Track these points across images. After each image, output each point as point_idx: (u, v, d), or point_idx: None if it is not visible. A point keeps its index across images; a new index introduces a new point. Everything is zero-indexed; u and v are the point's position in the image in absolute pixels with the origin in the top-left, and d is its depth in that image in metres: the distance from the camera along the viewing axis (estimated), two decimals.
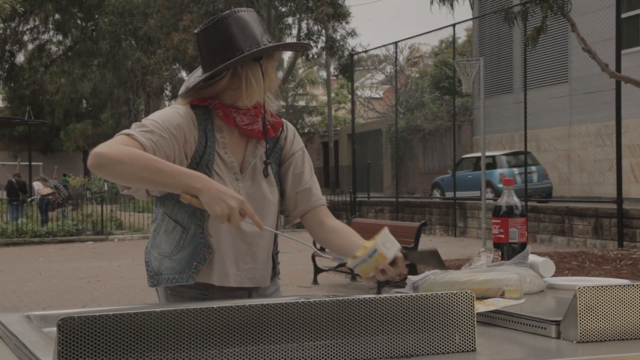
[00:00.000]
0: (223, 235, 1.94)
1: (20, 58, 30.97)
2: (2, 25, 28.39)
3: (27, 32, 30.08)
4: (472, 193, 16.48)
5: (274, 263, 2.09)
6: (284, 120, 2.06)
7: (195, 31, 1.96)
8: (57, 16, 28.35)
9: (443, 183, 19.33)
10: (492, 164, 17.94)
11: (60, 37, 30.37)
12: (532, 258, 2.00)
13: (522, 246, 2.03)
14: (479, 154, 18.71)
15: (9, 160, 37.98)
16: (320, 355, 1.15)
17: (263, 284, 2.04)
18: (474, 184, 16.30)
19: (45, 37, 30.34)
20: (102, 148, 1.77)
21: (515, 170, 16.73)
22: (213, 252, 1.94)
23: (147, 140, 1.81)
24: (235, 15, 1.92)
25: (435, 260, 1.83)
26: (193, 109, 1.93)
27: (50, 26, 29.28)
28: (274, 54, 1.98)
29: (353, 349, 1.17)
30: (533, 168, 15.87)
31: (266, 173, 1.98)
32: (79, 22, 29.01)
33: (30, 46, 30.60)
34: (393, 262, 1.80)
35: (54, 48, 31.12)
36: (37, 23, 29.45)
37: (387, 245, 1.80)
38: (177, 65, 26.16)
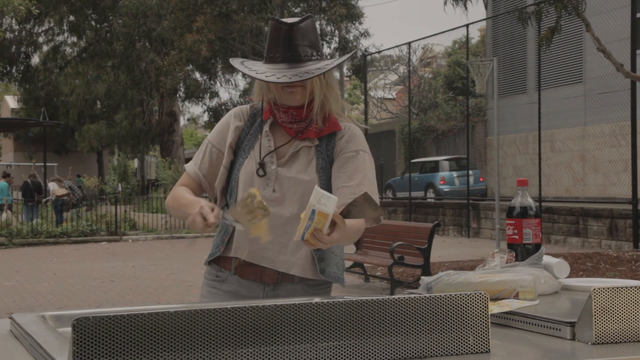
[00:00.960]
0: None
1: (35, 60, 31.16)
2: (17, 27, 28.58)
3: (42, 34, 30.25)
4: (419, 193, 19.54)
5: (315, 259, 2.12)
6: (346, 125, 2.20)
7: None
8: (71, 18, 28.49)
9: (395, 184, 21.71)
10: (435, 167, 21.12)
11: (74, 39, 30.53)
12: (547, 259, 1.99)
13: (537, 247, 2.02)
14: (425, 159, 21.81)
15: (24, 161, 38.26)
16: (333, 356, 1.15)
17: (280, 268, 2.11)
18: (420, 185, 19.26)
19: (60, 38, 30.51)
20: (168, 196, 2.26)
21: (454, 174, 19.93)
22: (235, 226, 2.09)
23: (192, 169, 2.23)
24: (271, 23, 2.12)
25: (370, 206, 1.77)
26: (251, 106, 2.26)
27: (65, 28, 29.42)
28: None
29: (366, 350, 1.17)
30: (470, 172, 17.73)
31: (262, 172, 2.13)
32: (93, 23, 29.14)
33: (45, 48, 30.77)
34: (332, 224, 1.80)
35: (68, 49, 31.29)
36: (51, 25, 29.61)
37: (323, 201, 1.75)
38: (191, 66, 26.23)
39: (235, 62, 2.20)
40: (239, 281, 2.16)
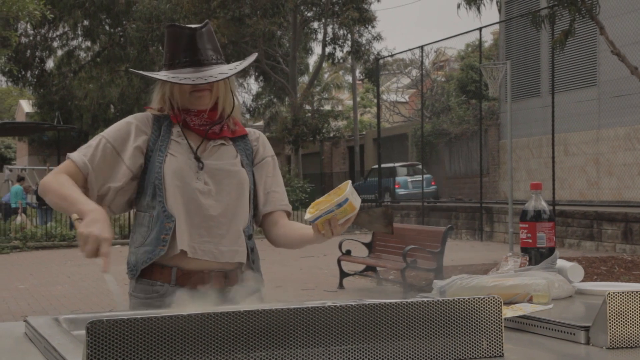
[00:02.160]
0: (180, 206, 2.09)
1: (49, 64, 31.36)
2: (32, 31, 28.79)
3: (57, 39, 30.45)
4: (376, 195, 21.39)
5: (248, 248, 2.13)
6: (249, 129, 2.29)
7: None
8: (85, 22, 28.67)
9: (357, 188, 23.96)
10: (393, 172, 23.06)
11: (88, 43, 30.71)
12: (561, 263, 1.98)
13: (550, 251, 2.01)
14: (384, 165, 23.21)
15: (38, 164, 38.47)
16: None
17: (222, 259, 2.09)
18: (377, 189, 20.72)
19: (74, 43, 30.70)
20: (45, 177, 2.10)
21: (408, 179, 22.28)
22: (175, 220, 2.07)
23: (81, 157, 2.11)
24: (169, 31, 2.18)
25: (385, 220, 1.81)
26: (153, 114, 2.21)
27: (79, 32, 29.61)
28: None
29: (379, 354, 1.16)
30: (421, 177, 19.78)
31: (201, 165, 2.13)
32: (107, 28, 29.31)
33: (59, 52, 30.97)
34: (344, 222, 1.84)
35: (82, 54, 31.48)
36: (66, 29, 29.81)
37: (354, 196, 1.80)
38: None
39: (136, 71, 2.25)
40: (182, 292, 2.00)
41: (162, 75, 2.12)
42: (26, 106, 43.92)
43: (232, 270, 2.11)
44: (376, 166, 24.16)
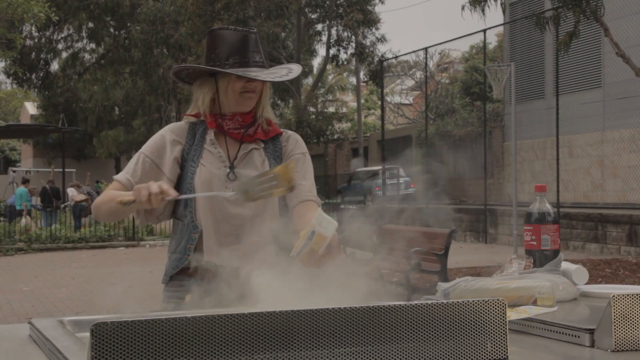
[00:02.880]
0: (207, 217, 2.14)
1: (54, 66, 31.44)
2: (37, 34, 28.87)
3: (61, 41, 30.52)
4: (359, 198, 22.89)
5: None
6: (285, 130, 2.32)
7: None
8: (90, 25, 28.74)
9: (343, 190, 25.53)
10: (375, 176, 23.93)
11: (93, 46, 30.78)
12: (565, 265, 1.98)
13: (555, 253, 2.01)
14: (367, 168, 25.25)
15: (43, 166, 38.56)
16: None
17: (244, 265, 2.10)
18: (362, 191, 22.05)
19: (79, 45, 30.77)
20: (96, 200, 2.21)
21: (389, 181, 22.76)
22: (200, 231, 2.13)
23: (124, 176, 2.19)
24: (218, 32, 2.20)
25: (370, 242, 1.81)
26: (188, 122, 2.27)
27: (84, 34, 29.68)
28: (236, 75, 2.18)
29: (384, 357, 1.16)
30: (401, 180, 20.97)
31: (232, 176, 2.16)
32: (111, 30, 29.37)
33: (64, 54, 31.04)
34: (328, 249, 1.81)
35: (87, 56, 31.55)
36: (71, 31, 29.88)
37: (324, 224, 1.78)
38: None
39: (200, 66, 2.23)
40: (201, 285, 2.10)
41: (235, 70, 2.15)
42: (31, 108, 44.03)
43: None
44: (360, 169, 26.16)
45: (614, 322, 1.29)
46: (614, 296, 1.29)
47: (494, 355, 1.21)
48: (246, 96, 2.18)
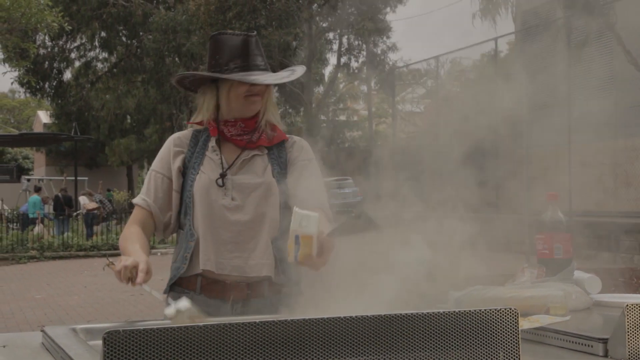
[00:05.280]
0: (205, 224, 2.11)
1: (67, 75, 31.62)
2: (50, 43, 29.06)
3: (74, 50, 30.71)
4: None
5: (276, 260, 2.10)
6: (290, 136, 2.27)
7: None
8: (103, 34, 28.91)
9: None
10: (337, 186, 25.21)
11: (105, 54, 30.94)
12: (578, 274, 1.97)
13: (567, 262, 2.00)
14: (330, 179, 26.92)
15: (55, 175, 38.74)
16: None
17: (251, 273, 2.08)
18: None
19: (92, 54, 30.94)
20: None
21: (338, 191, 23.59)
22: (197, 239, 2.10)
23: (141, 199, 2.20)
24: (219, 37, 2.18)
25: (366, 223, 1.70)
26: (192, 130, 2.26)
27: (96, 44, 29.84)
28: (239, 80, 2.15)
29: None
30: (349, 189, 21.99)
31: (221, 182, 2.13)
32: (124, 39, 29.54)
33: (77, 63, 31.22)
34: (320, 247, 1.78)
35: (99, 65, 31.72)
36: (83, 41, 30.06)
37: (304, 223, 1.74)
38: None
39: (200, 73, 2.22)
40: (206, 301, 2.08)
41: (236, 76, 2.12)
42: (44, 117, 44.28)
43: (258, 282, 2.10)
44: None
45: (628, 332, 1.28)
46: (627, 305, 1.28)
47: None
48: (251, 100, 2.16)
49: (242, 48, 2.15)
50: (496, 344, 1.20)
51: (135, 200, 2.23)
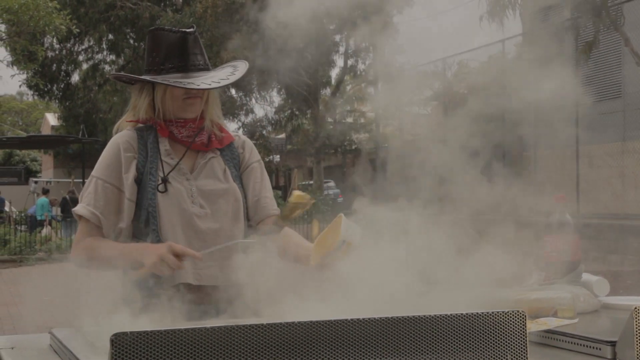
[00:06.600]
0: (177, 235, 2.03)
1: (75, 78, 31.74)
2: (58, 45, 29.17)
3: (82, 52, 30.83)
4: None
5: (248, 264, 2.07)
6: (236, 135, 2.22)
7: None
8: (110, 36, 29.02)
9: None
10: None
11: (113, 57, 31.05)
12: (586, 277, 1.96)
13: (575, 264, 1.99)
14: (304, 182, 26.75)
15: (63, 177, 38.85)
16: None
17: (227, 281, 2.02)
18: None
19: (99, 56, 31.05)
20: (72, 253, 2.16)
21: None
22: None
23: (87, 211, 2.05)
24: (156, 33, 2.10)
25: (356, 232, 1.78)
26: (136, 130, 2.12)
27: (104, 46, 29.96)
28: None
29: None
30: (332, 192, 24.50)
31: (163, 189, 2.03)
32: (131, 42, 29.64)
33: (84, 66, 31.34)
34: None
35: (107, 67, 31.82)
36: (91, 43, 30.17)
37: (350, 232, 1.79)
38: None
39: (127, 74, 2.17)
40: (190, 308, 1.98)
41: (171, 78, 2.02)
42: (52, 119, 44.44)
43: (235, 286, 2.08)
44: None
45: (637, 334, 1.27)
46: (636, 308, 1.27)
47: None
48: (189, 102, 2.06)
49: (179, 46, 2.05)
50: (504, 347, 1.20)
51: (80, 212, 2.07)
